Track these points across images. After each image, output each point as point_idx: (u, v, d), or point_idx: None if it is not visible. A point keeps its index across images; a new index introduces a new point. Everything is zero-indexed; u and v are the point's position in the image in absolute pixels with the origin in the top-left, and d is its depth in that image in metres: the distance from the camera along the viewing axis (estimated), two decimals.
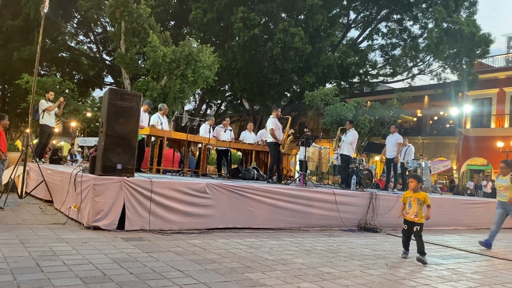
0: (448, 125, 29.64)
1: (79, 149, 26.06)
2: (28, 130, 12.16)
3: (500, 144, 24.41)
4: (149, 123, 9.77)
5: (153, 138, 9.52)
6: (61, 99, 10.97)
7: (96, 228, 6.01)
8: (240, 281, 4.08)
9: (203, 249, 5.43)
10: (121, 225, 6.12)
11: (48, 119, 10.61)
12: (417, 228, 5.85)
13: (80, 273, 3.85)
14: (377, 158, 27.17)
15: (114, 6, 17.15)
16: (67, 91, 21.73)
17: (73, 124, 33.50)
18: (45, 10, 8.78)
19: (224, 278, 4.12)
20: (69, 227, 6.17)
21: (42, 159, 10.63)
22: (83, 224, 6.21)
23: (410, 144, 13.30)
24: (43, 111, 10.45)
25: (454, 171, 27.63)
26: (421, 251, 5.77)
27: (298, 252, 5.79)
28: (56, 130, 29.90)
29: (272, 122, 9.87)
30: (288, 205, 7.84)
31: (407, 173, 13.04)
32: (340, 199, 8.52)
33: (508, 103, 25.98)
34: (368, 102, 22.87)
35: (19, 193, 8.83)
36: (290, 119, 10.66)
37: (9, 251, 4.42)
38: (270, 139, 9.89)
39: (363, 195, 9.03)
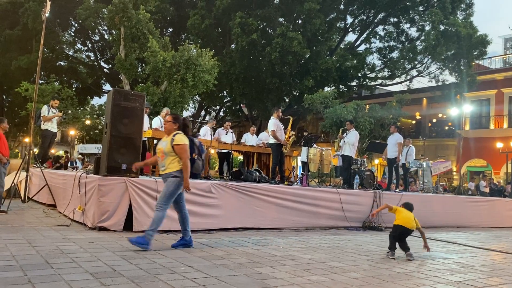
0: (447, 127, 29.70)
1: (80, 156, 26.00)
2: (27, 139, 12.16)
3: (499, 145, 24.43)
4: (150, 125, 9.77)
5: (155, 141, 9.50)
6: (60, 113, 11.03)
7: (102, 229, 5.99)
8: (250, 274, 4.07)
9: (210, 246, 5.42)
10: (127, 226, 6.09)
11: (50, 125, 10.57)
12: None
13: (89, 269, 3.83)
14: (376, 161, 27.20)
15: (113, 12, 17.20)
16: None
17: (72, 132, 33.43)
18: (47, 15, 8.81)
19: (234, 272, 4.10)
20: (74, 228, 6.15)
21: (44, 165, 10.58)
22: (87, 226, 6.18)
23: (411, 145, 13.27)
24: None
25: (454, 173, 27.66)
26: None
27: (305, 249, 5.78)
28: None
29: (273, 123, 9.83)
30: (294, 205, 7.85)
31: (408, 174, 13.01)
32: (344, 198, 8.52)
33: (506, 103, 26.06)
34: (367, 105, 22.92)
35: (22, 198, 8.80)
36: (291, 119, 10.63)
37: (17, 250, 4.41)
38: (271, 140, 9.85)
39: (367, 194, 9.02)
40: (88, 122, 30.19)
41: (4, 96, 33.56)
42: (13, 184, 8.69)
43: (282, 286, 3.75)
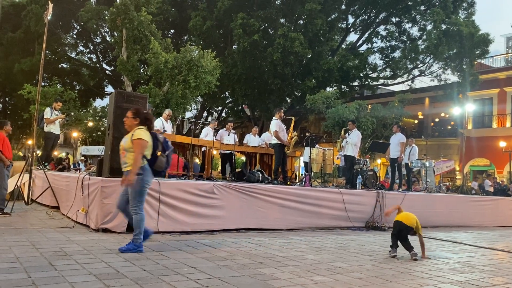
0: (449, 127, 29.63)
1: (82, 158, 26.09)
2: (30, 142, 12.20)
3: (502, 143, 24.37)
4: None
5: None
6: (63, 116, 11.03)
7: (105, 231, 6.01)
8: (253, 275, 4.07)
9: (213, 247, 5.42)
10: (130, 227, 6.08)
11: (53, 127, 10.59)
12: None
13: (93, 271, 3.84)
14: (379, 161, 27.15)
15: (115, 14, 17.23)
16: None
17: (75, 134, 33.55)
18: (49, 17, 8.83)
19: (237, 273, 4.11)
20: (78, 230, 6.16)
21: (47, 166, 10.61)
22: (91, 227, 6.20)
23: (414, 145, 13.23)
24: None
25: (457, 172, 27.58)
26: None
27: (308, 250, 5.77)
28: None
29: (275, 124, 9.85)
30: (297, 205, 7.85)
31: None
32: (347, 198, 8.51)
33: (509, 102, 25.96)
34: (369, 105, 22.88)
35: (25, 200, 8.83)
36: (293, 120, 10.64)
37: (21, 252, 4.42)
38: (274, 141, 9.86)
39: (370, 194, 9.01)
40: (90, 124, 30.29)
41: (7, 99, 33.73)
42: (16, 186, 8.71)
43: (286, 286, 3.75)
